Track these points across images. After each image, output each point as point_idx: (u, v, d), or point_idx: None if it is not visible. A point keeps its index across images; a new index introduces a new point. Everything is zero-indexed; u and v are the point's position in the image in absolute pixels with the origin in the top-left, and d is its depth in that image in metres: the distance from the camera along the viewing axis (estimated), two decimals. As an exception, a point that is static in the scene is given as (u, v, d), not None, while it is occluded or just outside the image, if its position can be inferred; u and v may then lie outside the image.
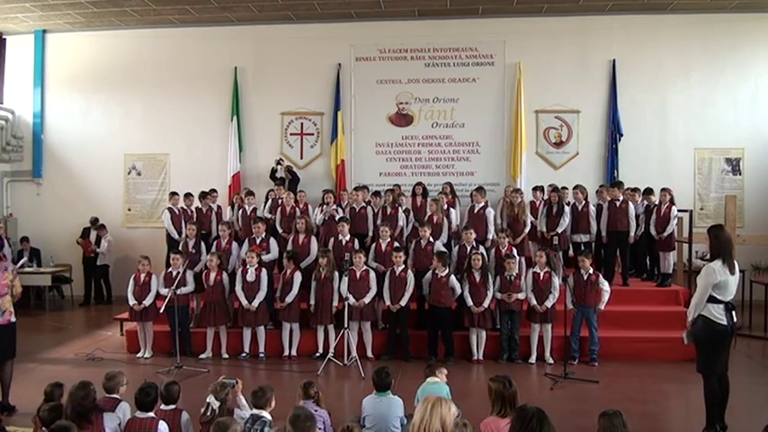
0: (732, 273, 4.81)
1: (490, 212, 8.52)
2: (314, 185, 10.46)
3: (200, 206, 9.48)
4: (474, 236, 7.86)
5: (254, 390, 4.15)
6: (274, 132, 11.36)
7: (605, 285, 7.23)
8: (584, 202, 8.81)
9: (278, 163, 10.51)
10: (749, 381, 6.59)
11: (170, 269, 7.62)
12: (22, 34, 11.64)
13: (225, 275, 7.66)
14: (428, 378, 4.80)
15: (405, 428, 4.40)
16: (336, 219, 8.47)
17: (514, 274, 7.33)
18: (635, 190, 9.22)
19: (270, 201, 9.54)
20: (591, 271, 7.24)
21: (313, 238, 8.23)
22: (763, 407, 5.27)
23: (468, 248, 7.73)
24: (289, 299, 7.41)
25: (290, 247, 8.02)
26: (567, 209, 8.70)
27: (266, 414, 4.04)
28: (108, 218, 11.28)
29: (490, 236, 8.39)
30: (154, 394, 4.05)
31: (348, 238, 8.05)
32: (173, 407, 4.20)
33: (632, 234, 8.46)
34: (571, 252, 8.78)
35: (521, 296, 7.30)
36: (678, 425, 5.66)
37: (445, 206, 8.72)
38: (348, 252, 7.68)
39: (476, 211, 8.48)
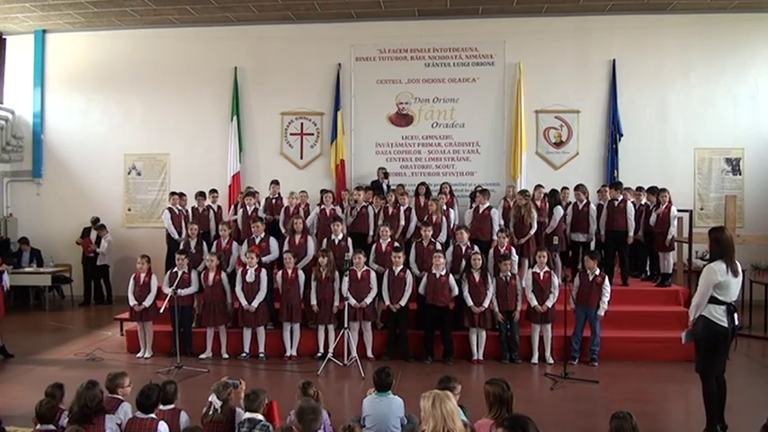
0: (735, 275, 4.78)
1: (495, 213, 8.51)
2: (314, 185, 10.44)
3: (203, 205, 9.49)
4: (467, 235, 7.85)
5: (246, 393, 4.15)
6: (274, 132, 11.36)
7: (606, 292, 7.16)
8: (585, 201, 8.82)
9: (382, 171, 10.37)
10: (749, 381, 6.60)
11: (175, 269, 7.63)
12: (22, 34, 11.64)
13: (224, 275, 7.66)
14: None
15: (405, 428, 4.41)
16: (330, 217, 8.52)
17: (510, 274, 7.34)
18: (639, 189, 9.20)
19: (264, 201, 9.55)
20: (597, 272, 7.21)
21: (310, 238, 8.24)
22: (762, 407, 5.26)
23: (463, 248, 7.73)
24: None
25: (286, 247, 8.02)
26: (558, 210, 8.71)
27: (261, 417, 4.04)
28: (108, 218, 11.29)
29: (495, 236, 8.39)
30: (155, 397, 4.05)
31: (341, 237, 8.06)
32: (171, 407, 4.21)
33: (630, 234, 8.46)
34: (567, 251, 8.80)
35: (518, 311, 7.32)
36: (678, 425, 5.66)
37: (444, 206, 8.73)
38: (343, 251, 7.68)
39: (481, 212, 8.46)
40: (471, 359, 7.32)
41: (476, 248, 7.77)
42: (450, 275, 7.36)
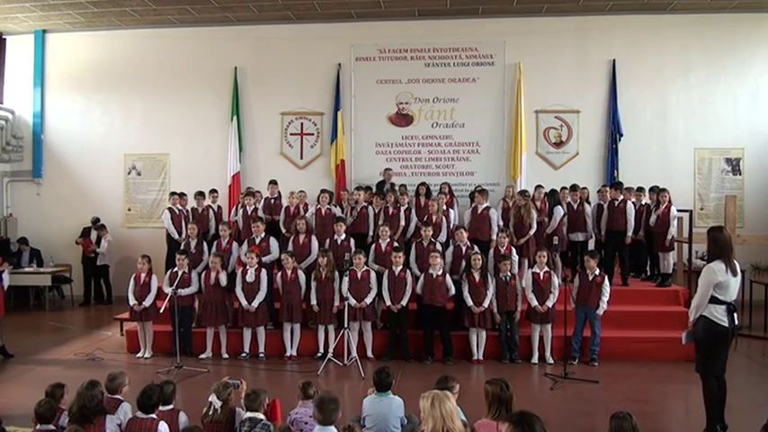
0: (734, 274, 4.78)
1: (494, 213, 8.51)
2: (314, 185, 10.42)
3: (203, 205, 9.46)
4: (467, 235, 7.85)
5: (246, 393, 4.14)
6: (274, 132, 11.36)
7: (606, 292, 7.16)
8: (578, 201, 8.82)
9: (389, 180, 10.23)
10: (749, 381, 6.60)
11: (175, 269, 7.62)
12: (22, 34, 11.64)
13: (224, 274, 7.64)
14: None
15: (405, 428, 4.41)
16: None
17: (509, 274, 7.34)
18: (640, 189, 9.20)
19: (262, 200, 9.54)
20: (597, 272, 7.21)
21: (314, 238, 8.24)
22: (762, 407, 5.26)
23: (464, 248, 7.73)
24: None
25: (290, 247, 8.03)
26: (558, 210, 8.71)
27: (263, 416, 4.04)
28: (108, 218, 11.29)
29: (494, 236, 8.41)
30: (156, 398, 4.04)
31: (344, 237, 8.06)
32: (170, 407, 4.20)
33: (629, 234, 8.45)
34: (567, 251, 8.80)
35: (518, 311, 7.34)
36: (678, 425, 5.66)
37: (444, 206, 8.73)
38: (345, 252, 7.69)
39: (479, 212, 8.46)
40: (471, 359, 7.32)
41: (476, 248, 7.77)
42: (447, 275, 7.37)
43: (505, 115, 10.94)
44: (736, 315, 4.82)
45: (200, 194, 9.49)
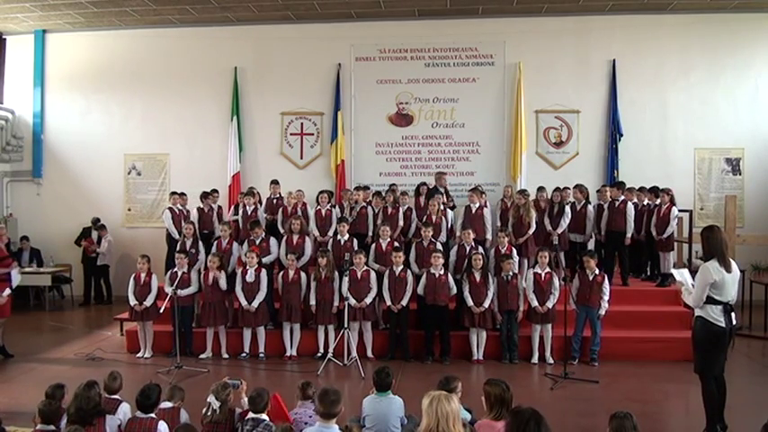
0: (729, 271, 4.77)
1: (488, 212, 8.51)
2: (314, 185, 10.42)
3: (208, 206, 9.45)
4: (473, 235, 7.85)
5: (251, 395, 4.14)
6: (274, 132, 11.36)
7: (606, 291, 7.18)
8: (582, 201, 8.82)
9: (443, 179, 9.88)
10: (749, 381, 6.60)
11: (175, 269, 7.63)
12: (22, 34, 11.63)
13: (223, 275, 7.64)
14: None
15: (405, 428, 4.41)
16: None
17: (511, 274, 7.34)
18: (641, 189, 9.19)
19: (264, 201, 9.54)
20: (597, 272, 7.22)
21: (307, 239, 8.25)
22: (762, 407, 5.27)
23: (468, 248, 7.73)
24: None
25: (283, 246, 8.03)
26: (567, 209, 8.70)
27: (266, 417, 4.04)
28: (108, 218, 11.29)
29: (489, 236, 8.42)
30: (155, 397, 4.05)
31: (347, 237, 8.06)
32: (170, 405, 4.21)
33: (628, 235, 8.45)
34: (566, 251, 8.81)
35: (520, 311, 7.33)
36: (678, 425, 5.66)
37: (442, 206, 8.73)
38: (347, 252, 7.69)
39: (473, 212, 8.47)
40: (471, 359, 7.32)
41: (480, 249, 7.77)
42: (449, 274, 7.38)
43: (505, 115, 10.93)
44: (733, 315, 4.82)
45: (205, 195, 9.48)
